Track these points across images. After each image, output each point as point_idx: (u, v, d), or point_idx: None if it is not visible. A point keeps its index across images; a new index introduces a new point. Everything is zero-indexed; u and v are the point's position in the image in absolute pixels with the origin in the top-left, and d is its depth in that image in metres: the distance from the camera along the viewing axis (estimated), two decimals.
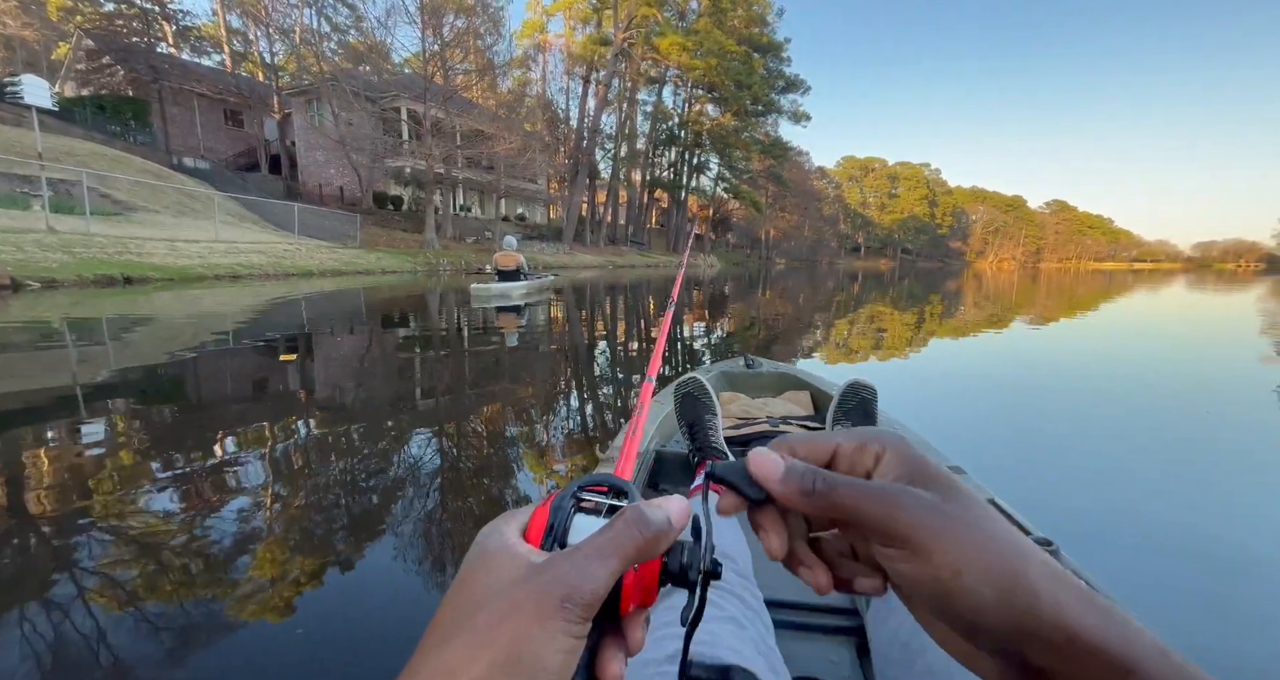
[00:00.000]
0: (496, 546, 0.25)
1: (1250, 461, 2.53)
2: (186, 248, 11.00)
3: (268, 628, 1.26)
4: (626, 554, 0.24)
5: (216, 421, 2.72)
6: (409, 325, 6.42)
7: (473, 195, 29.70)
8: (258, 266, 11.36)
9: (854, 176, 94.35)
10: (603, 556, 0.23)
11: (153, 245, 10.41)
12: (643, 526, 0.24)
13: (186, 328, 5.34)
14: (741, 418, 1.78)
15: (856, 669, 0.87)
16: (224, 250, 11.61)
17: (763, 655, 0.62)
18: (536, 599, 0.22)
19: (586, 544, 0.24)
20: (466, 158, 23.04)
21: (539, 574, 0.23)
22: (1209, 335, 7.00)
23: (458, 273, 17.35)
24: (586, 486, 0.28)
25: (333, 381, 3.69)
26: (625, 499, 0.28)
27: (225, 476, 2.08)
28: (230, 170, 24.49)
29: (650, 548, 0.24)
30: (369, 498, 1.96)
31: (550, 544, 0.26)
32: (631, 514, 0.25)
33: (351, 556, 1.56)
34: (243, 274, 10.79)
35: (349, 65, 23.84)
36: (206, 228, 13.41)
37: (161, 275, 9.28)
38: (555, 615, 0.21)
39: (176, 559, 1.54)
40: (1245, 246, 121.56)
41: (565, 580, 0.22)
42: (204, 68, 27.68)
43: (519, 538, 0.26)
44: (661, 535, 0.25)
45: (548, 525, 0.26)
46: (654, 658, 0.55)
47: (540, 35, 35.05)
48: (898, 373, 4.39)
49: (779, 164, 42.41)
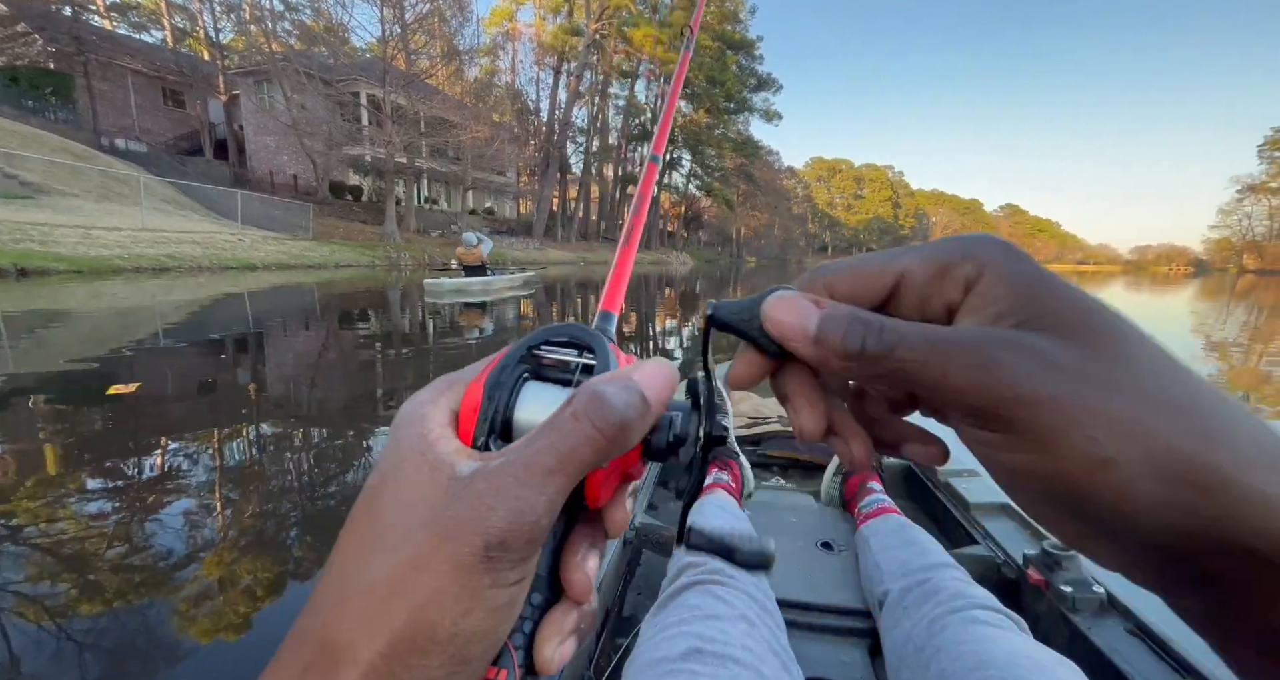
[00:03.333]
0: (411, 444, 0.18)
1: None
2: (105, 236, 9.78)
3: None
4: (578, 462, 0.17)
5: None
6: (355, 326, 5.69)
7: (439, 187, 28.47)
8: (190, 258, 10.25)
9: (822, 177, 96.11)
10: (542, 473, 0.16)
11: (62, 232, 9.19)
12: (600, 418, 0.17)
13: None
14: (753, 417, 1.73)
15: (869, 671, 0.84)
16: (150, 240, 10.42)
17: (775, 653, 0.61)
18: (448, 548, 0.16)
19: (519, 455, 0.17)
20: (431, 147, 21.92)
21: (454, 502, 0.16)
22: (1159, 332, 7.59)
23: (420, 267, 16.42)
24: (548, 341, 0.21)
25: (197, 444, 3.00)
26: (594, 359, 0.20)
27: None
28: (170, 154, 22.61)
29: (614, 446, 0.17)
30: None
31: (485, 440, 0.19)
32: (583, 400, 0.17)
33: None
34: (170, 266, 9.70)
35: (303, 46, 22.30)
36: (133, 215, 12.07)
37: (68, 267, 8.17)
38: (477, 569, 0.16)
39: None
40: (1176, 251, 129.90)
41: (487, 518, 0.16)
42: (137, 42, 25.45)
43: (446, 426, 0.19)
44: (630, 426, 0.17)
45: (480, 410, 0.19)
46: (667, 656, 0.54)
47: (509, 23, 33.82)
48: None
49: (750, 162, 42.52)
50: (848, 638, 0.91)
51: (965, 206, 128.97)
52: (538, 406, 0.19)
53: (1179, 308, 12.12)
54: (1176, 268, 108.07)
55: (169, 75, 23.90)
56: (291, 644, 0.17)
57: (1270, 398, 3.81)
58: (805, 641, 0.89)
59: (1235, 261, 66.84)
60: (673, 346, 5.48)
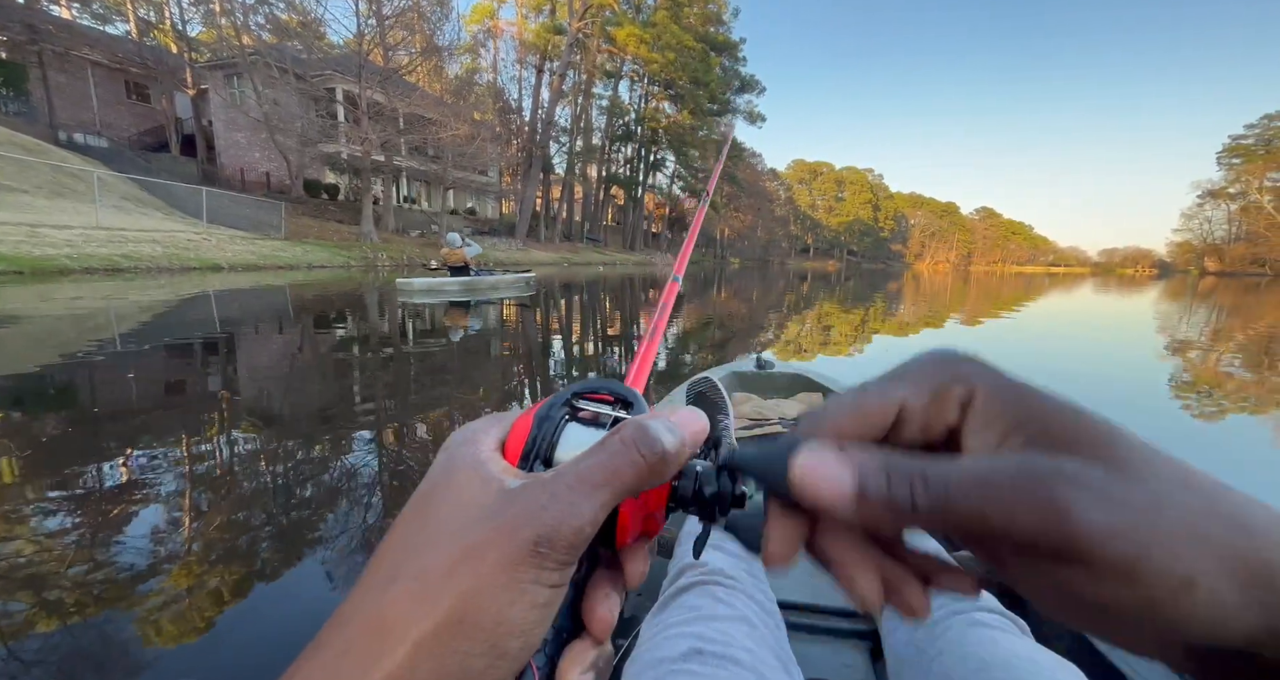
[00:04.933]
0: (465, 461, 0.20)
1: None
2: (53, 235, 9.15)
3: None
4: (622, 482, 0.18)
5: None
6: (324, 331, 5.31)
7: (419, 186, 27.84)
8: (148, 258, 9.65)
9: (804, 179, 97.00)
10: (591, 486, 0.18)
11: (5, 230, 8.54)
12: (645, 446, 0.18)
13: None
14: (753, 419, 1.74)
15: (870, 673, 0.84)
16: (104, 239, 9.79)
17: (776, 655, 0.61)
18: (501, 542, 0.17)
19: (572, 468, 0.19)
20: (410, 145, 21.33)
21: (509, 505, 0.18)
22: (1126, 333, 7.94)
23: (398, 268, 15.92)
24: (584, 394, 0.23)
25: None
26: (630, 411, 0.22)
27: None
28: (134, 150, 21.64)
29: (654, 474, 0.19)
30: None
31: (531, 463, 0.21)
32: (632, 429, 0.19)
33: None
34: (125, 267, 9.10)
35: (276, 39, 21.52)
36: (87, 212, 11.38)
37: (7, 266, 7.59)
38: (525, 562, 0.17)
39: None
40: (1141, 254, 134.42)
41: (540, 517, 0.17)
42: (97, 32, 24.28)
43: (495, 451, 0.21)
44: (669, 458, 0.19)
45: (529, 438, 0.21)
46: (669, 656, 0.54)
47: (491, 21, 33.28)
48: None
49: (734, 164, 42.59)
50: (849, 639, 0.91)
51: (943, 209, 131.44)
52: (577, 442, 0.20)
53: (1145, 309, 12.53)
54: (1142, 269, 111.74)
55: (132, 67, 22.83)
56: (331, 629, 0.17)
57: (1231, 395, 3.92)
58: (806, 643, 0.89)
59: (1197, 264, 69.17)
60: (658, 350, 5.24)
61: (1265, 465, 2.65)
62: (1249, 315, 10.43)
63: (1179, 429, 3.09)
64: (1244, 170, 58.93)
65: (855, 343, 6.12)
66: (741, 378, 2.16)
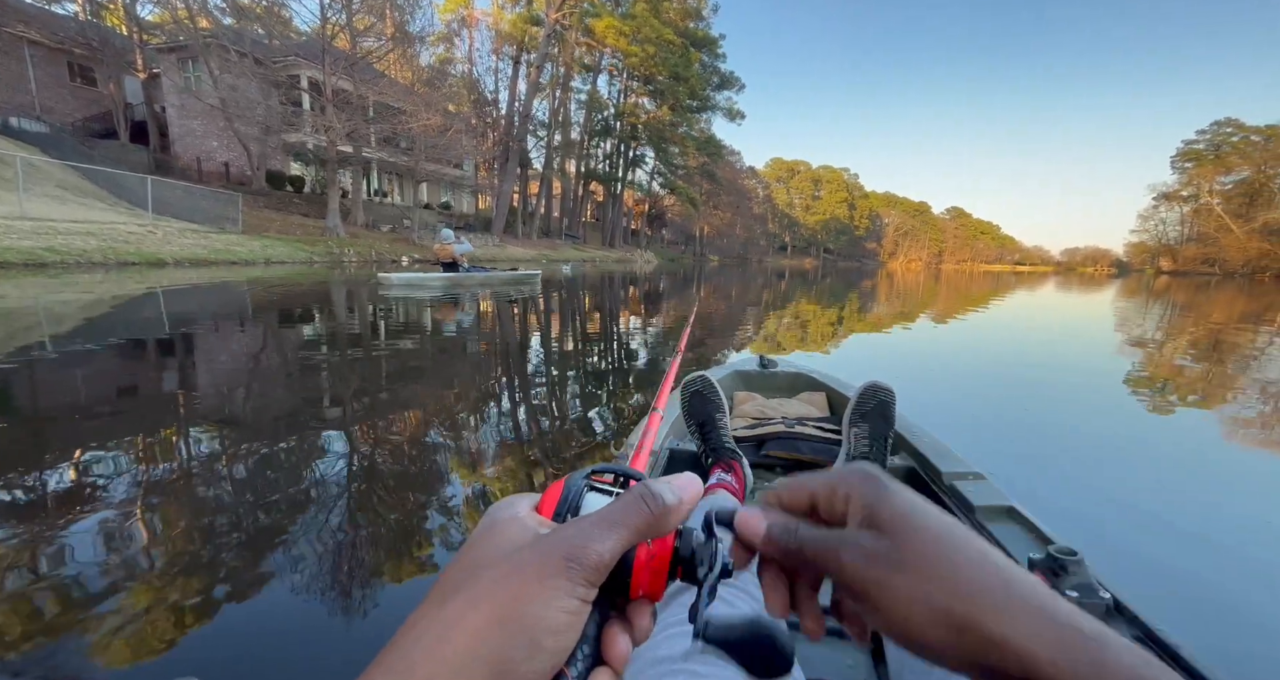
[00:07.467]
0: (506, 517, 0.25)
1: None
2: None
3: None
4: (635, 526, 0.23)
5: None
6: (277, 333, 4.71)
7: (390, 179, 26.80)
8: (79, 252, 8.78)
9: (781, 178, 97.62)
10: (609, 524, 0.23)
11: None
12: (652, 500, 0.24)
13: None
14: (756, 418, 1.75)
15: (872, 674, 0.86)
16: (29, 230, 8.86)
17: None
18: (539, 559, 0.22)
19: (594, 514, 0.24)
20: (379, 135, 20.35)
21: (545, 538, 0.23)
22: (1086, 329, 8.15)
23: (366, 264, 15.12)
24: (596, 473, 0.28)
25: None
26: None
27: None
28: (78, 136, 20.14)
29: (659, 524, 0.24)
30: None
31: (563, 517, 0.26)
32: (640, 488, 0.25)
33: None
34: (50, 261, 8.25)
35: (235, 22, 20.27)
36: (10, 201, 10.37)
37: None
38: (559, 574, 0.21)
39: None
40: (1101, 253, 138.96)
41: (571, 542, 0.22)
42: (34, 8, 22.54)
43: (530, 511, 0.26)
44: (671, 510, 0.24)
45: (561, 498, 0.26)
46: (667, 655, 0.56)
47: (465, 10, 32.23)
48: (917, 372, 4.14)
49: (713, 161, 42.34)
50: (849, 639, 0.88)
51: (915, 209, 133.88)
52: (595, 505, 0.26)
53: (1104, 304, 12.93)
54: (1101, 269, 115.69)
55: (76, 48, 21.22)
56: (403, 631, 0.21)
57: (1183, 388, 4.04)
58: (808, 643, 0.87)
59: (1152, 263, 71.59)
60: (636, 345, 4.83)
61: (1215, 448, 2.81)
62: (1200, 313, 10.71)
63: (1136, 421, 3.23)
64: (1196, 174, 61.21)
65: (835, 339, 6.15)
66: (744, 377, 2.15)
